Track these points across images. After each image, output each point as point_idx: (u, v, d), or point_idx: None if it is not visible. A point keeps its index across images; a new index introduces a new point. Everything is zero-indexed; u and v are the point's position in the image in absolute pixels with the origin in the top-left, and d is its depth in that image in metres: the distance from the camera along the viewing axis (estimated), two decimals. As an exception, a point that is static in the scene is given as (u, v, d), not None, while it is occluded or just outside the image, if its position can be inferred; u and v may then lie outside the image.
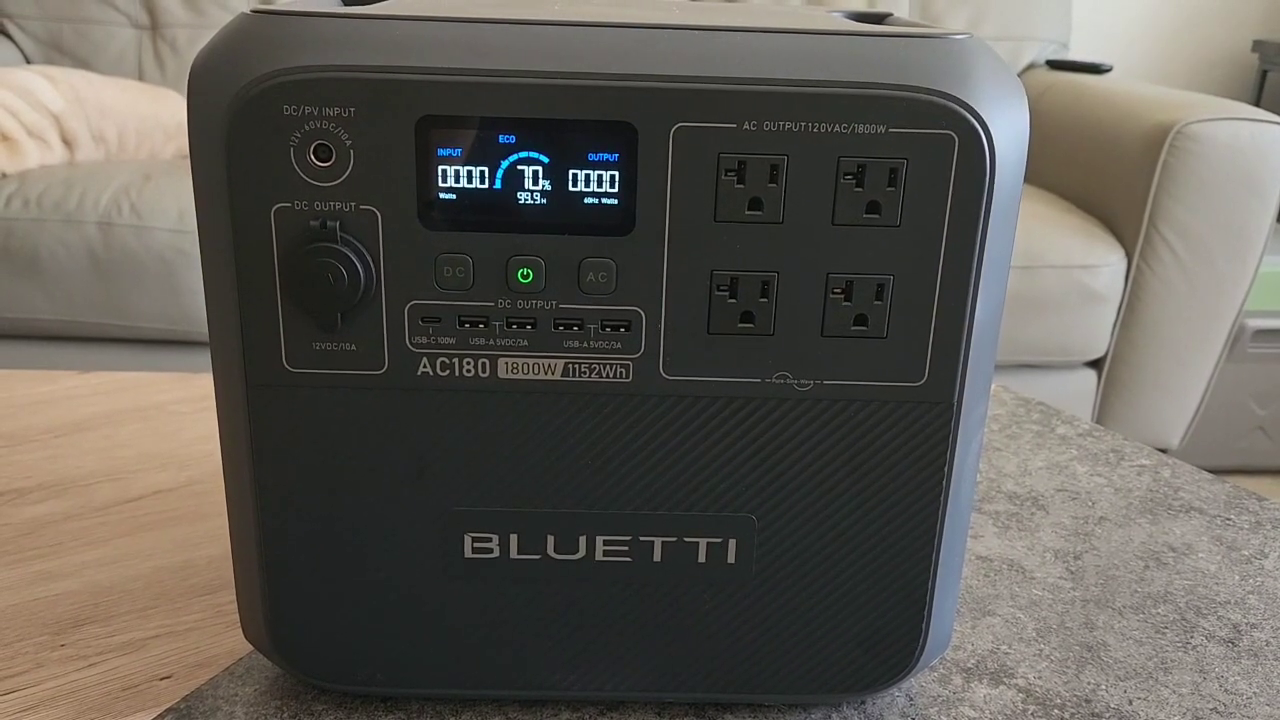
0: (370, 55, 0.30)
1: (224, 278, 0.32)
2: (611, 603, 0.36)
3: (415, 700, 0.39)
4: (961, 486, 0.35)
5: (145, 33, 1.96)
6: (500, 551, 0.35)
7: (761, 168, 0.31)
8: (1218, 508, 0.56)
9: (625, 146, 0.31)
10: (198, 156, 0.31)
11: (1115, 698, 0.40)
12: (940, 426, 0.34)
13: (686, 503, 0.35)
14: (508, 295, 0.32)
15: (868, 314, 0.33)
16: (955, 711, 0.39)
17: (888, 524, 0.35)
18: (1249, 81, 2.40)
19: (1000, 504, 0.56)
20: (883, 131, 0.31)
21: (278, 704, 0.38)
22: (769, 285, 0.32)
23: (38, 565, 0.47)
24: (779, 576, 0.36)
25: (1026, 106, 0.32)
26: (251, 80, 0.30)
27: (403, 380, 0.33)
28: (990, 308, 0.33)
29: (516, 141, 0.31)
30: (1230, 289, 1.49)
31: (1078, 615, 0.46)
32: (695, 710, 0.39)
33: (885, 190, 0.31)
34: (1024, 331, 1.52)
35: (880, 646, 0.37)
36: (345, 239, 0.31)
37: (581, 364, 0.33)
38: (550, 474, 0.34)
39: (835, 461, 0.34)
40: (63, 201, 1.45)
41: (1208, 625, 0.45)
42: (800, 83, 0.30)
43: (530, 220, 0.32)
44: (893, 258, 0.32)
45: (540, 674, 0.37)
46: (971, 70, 0.31)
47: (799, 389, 0.34)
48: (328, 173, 0.31)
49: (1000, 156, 0.31)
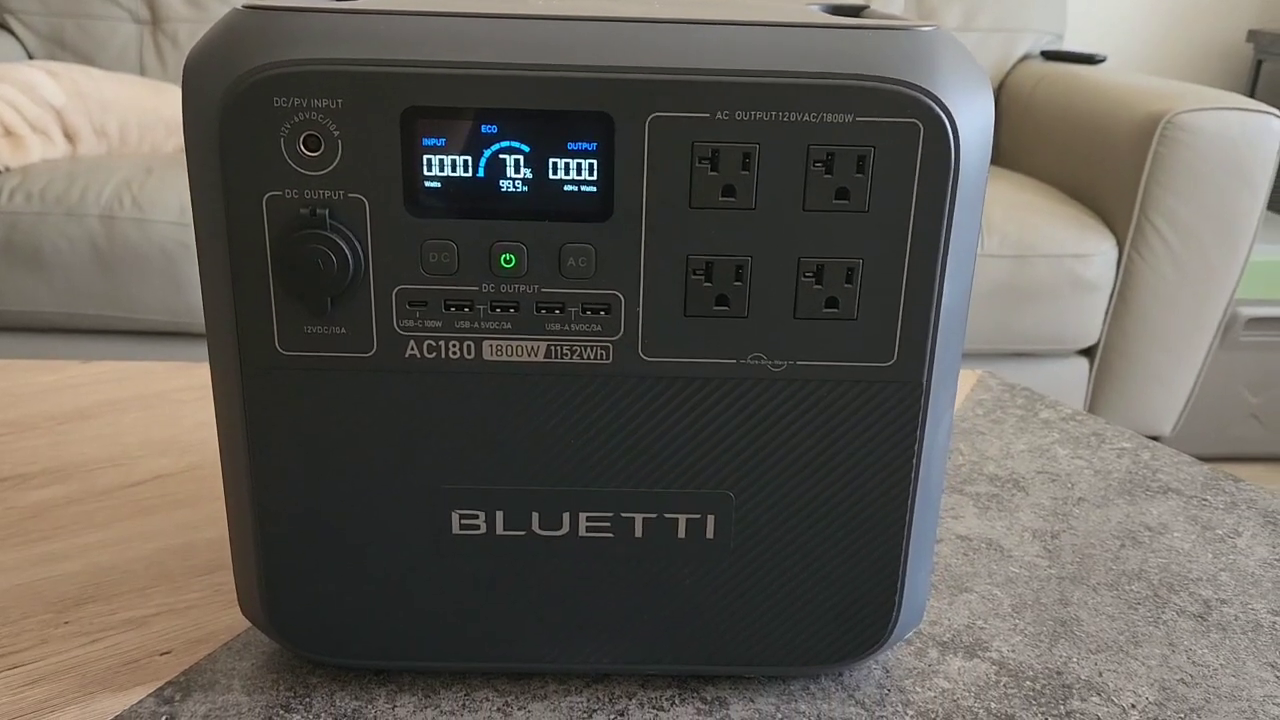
0: (357, 49, 0.31)
1: (218, 264, 0.33)
2: (595, 577, 0.38)
3: (406, 673, 0.40)
4: (932, 464, 0.37)
5: (146, 28, 1.98)
6: (486, 528, 0.37)
7: (734, 156, 0.32)
8: (1195, 489, 0.58)
9: (603, 136, 0.32)
10: (192, 148, 0.33)
11: (1086, 670, 0.42)
12: (910, 405, 0.35)
13: (666, 480, 0.36)
14: (491, 280, 0.34)
15: (838, 297, 0.34)
16: (930, 683, 0.40)
17: (860, 500, 0.36)
18: (1244, 71, 2.41)
19: (981, 485, 0.57)
20: (850, 120, 0.32)
21: (274, 677, 0.39)
22: (743, 269, 0.34)
23: (41, 547, 0.48)
24: (756, 551, 0.37)
25: (991, 96, 0.33)
26: (243, 74, 0.31)
27: (391, 362, 0.34)
28: (957, 290, 0.35)
29: (498, 131, 0.32)
30: (1221, 277, 1.50)
31: (1053, 592, 0.47)
32: (678, 682, 0.40)
33: (854, 177, 0.32)
34: (1016, 320, 1.53)
35: (855, 619, 0.38)
36: (335, 226, 0.33)
37: (563, 346, 0.34)
38: (534, 453, 0.36)
39: (809, 439, 0.36)
40: (65, 195, 1.47)
41: (1179, 601, 0.47)
42: (771, 73, 0.31)
43: (512, 207, 0.33)
44: (862, 242, 0.33)
45: (527, 647, 0.39)
46: (936, 61, 0.32)
47: (773, 369, 0.35)
48: (317, 162, 0.32)
49: (965, 144, 0.32)
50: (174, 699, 0.38)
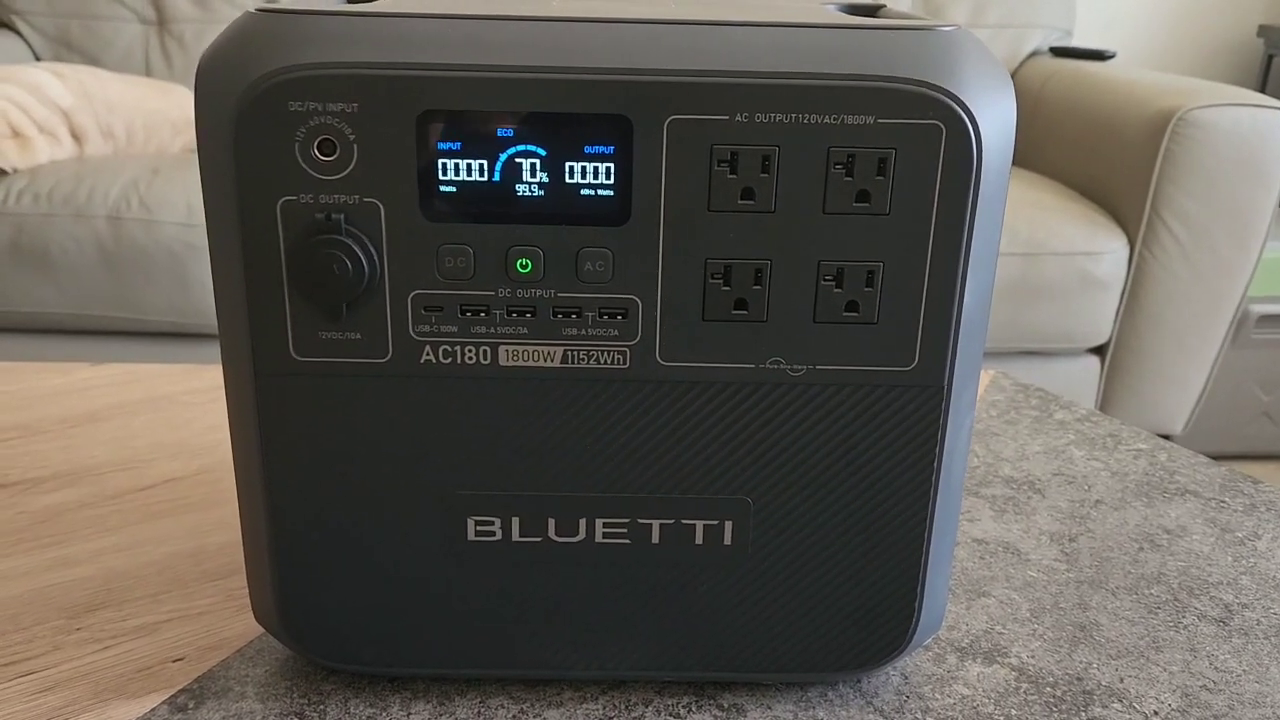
0: (372, 52, 0.31)
1: (232, 270, 0.33)
2: (611, 584, 0.37)
3: (421, 680, 0.40)
4: (953, 468, 0.36)
5: (153, 28, 1.98)
6: (502, 534, 0.36)
7: (753, 158, 0.32)
8: (1213, 491, 0.57)
9: (620, 139, 0.32)
10: (206, 152, 0.32)
11: (1107, 676, 0.41)
12: (931, 409, 0.35)
13: (683, 486, 0.36)
14: (508, 285, 0.33)
15: (859, 300, 0.33)
16: (949, 689, 0.40)
17: (880, 505, 0.36)
18: (1254, 67, 2.39)
19: (997, 488, 0.57)
20: (871, 122, 0.31)
21: (288, 684, 0.39)
22: (762, 273, 0.33)
23: (53, 552, 0.48)
24: (774, 558, 0.37)
25: (1013, 97, 0.33)
26: (258, 77, 0.31)
27: (406, 368, 0.34)
28: (979, 292, 0.34)
29: (515, 135, 0.32)
30: (1233, 275, 1.49)
31: (1071, 596, 0.47)
32: (694, 689, 0.40)
33: (874, 179, 0.32)
34: (1027, 318, 1.53)
35: (874, 625, 0.38)
36: (350, 231, 0.32)
37: (580, 351, 0.34)
38: (550, 459, 0.35)
39: (828, 444, 0.35)
40: (72, 196, 1.47)
41: (1200, 605, 0.46)
42: (790, 75, 0.31)
43: (529, 211, 0.32)
44: (882, 245, 0.33)
45: (543, 654, 0.38)
46: (958, 61, 0.32)
47: (792, 374, 0.34)
48: (332, 166, 0.32)
49: (987, 145, 0.32)
50: (188, 706, 0.38)
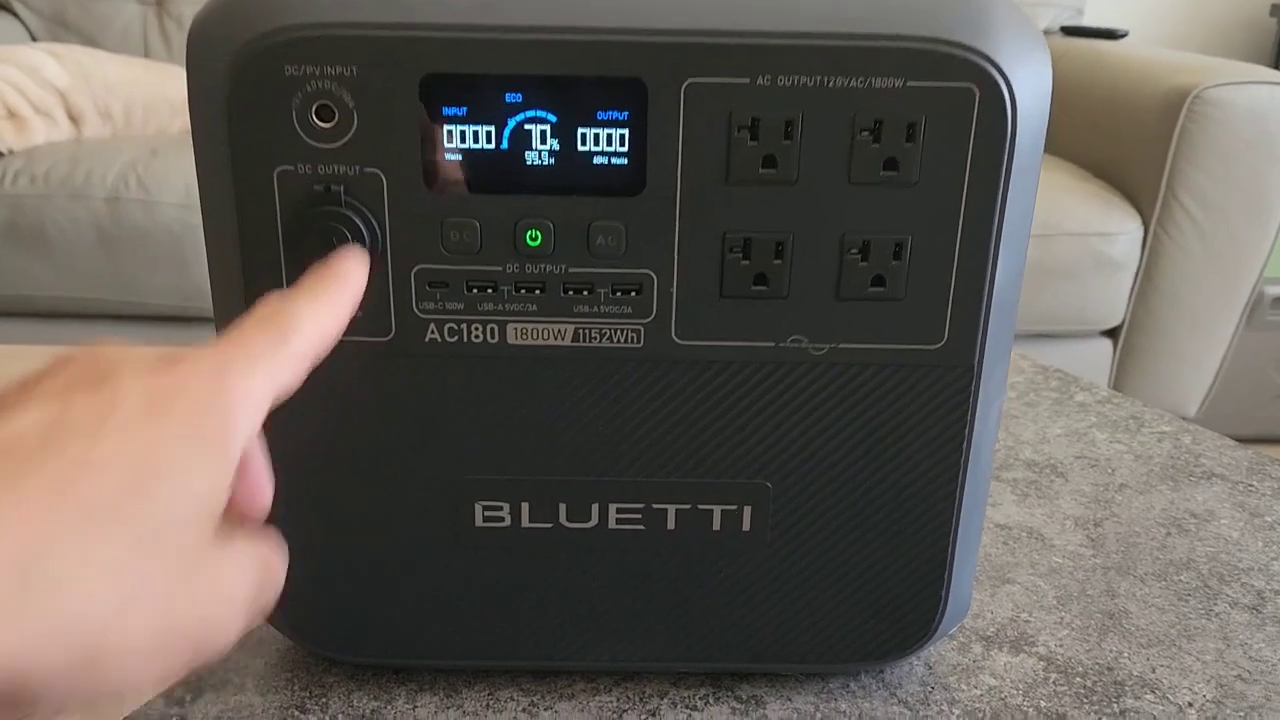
0: (373, 12, 0.29)
1: (227, 243, 0.32)
2: (625, 572, 0.36)
3: (427, 672, 0.38)
4: (981, 451, 0.35)
5: (150, 8, 1.95)
6: (511, 520, 0.35)
7: (775, 125, 0.30)
8: (1240, 474, 0.56)
9: (635, 104, 0.30)
10: (198, 120, 0.31)
11: (1138, 665, 0.40)
12: (960, 390, 0.33)
13: (700, 469, 0.34)
14: (516, 259, 0.32)
15: (885, 275, 0.32)
16: (975, 680, 0.39)
17: (906, 490, 0.34)
18: (1268, 45, 2.36)
19: (1019, 471, 0.55)
20: (900, 85, 0.30)
21: (288, 676, 0.38)
22: (783, 246, 0.31)
23: (47, 539, 0.46)
24: (795, 544, 0.35)
25: (1049, 59, 0.31)
26: (251, 39, 0.29)
27: (410, 346, 0.32)
28: (1011, 267, 0.32)
29: (523, 100, 0.30)
30: (1249, 256, 1.47)
31: (1099, 583, 0.45)
32: (711, 680, 0.38)
33: (903, 146, 0.30)
34: (1040, 300, 1.51)
35: (899, 615, 0.36)
36: (350, 202, 0.31)
37: (592, 329, 0.32)
38: (561, 441, 0.34)
39: (852, 426, 0.34)
40: (70, 177, 1.45)
41: (1231, 592, 0.45)
42: (814, 35, 0.29)
43: (538, 181, 0.31)
44: (911, 217, 0.31)
45: (553, 644, 0.37)
46: (993, 22, 0.30)
47: (814, 352, 0.33)
48: (330, 134, 0.30)
49: (1022, 111, 0.30)
50: (184, 700, 0.37)
